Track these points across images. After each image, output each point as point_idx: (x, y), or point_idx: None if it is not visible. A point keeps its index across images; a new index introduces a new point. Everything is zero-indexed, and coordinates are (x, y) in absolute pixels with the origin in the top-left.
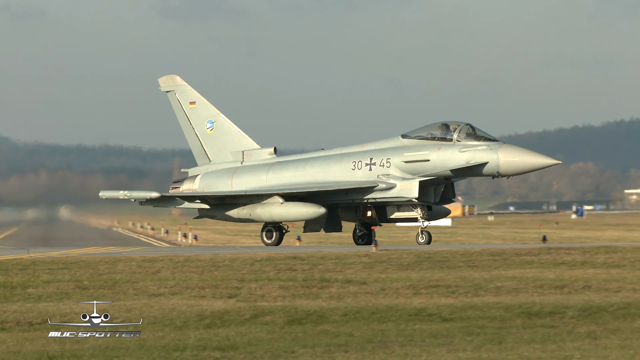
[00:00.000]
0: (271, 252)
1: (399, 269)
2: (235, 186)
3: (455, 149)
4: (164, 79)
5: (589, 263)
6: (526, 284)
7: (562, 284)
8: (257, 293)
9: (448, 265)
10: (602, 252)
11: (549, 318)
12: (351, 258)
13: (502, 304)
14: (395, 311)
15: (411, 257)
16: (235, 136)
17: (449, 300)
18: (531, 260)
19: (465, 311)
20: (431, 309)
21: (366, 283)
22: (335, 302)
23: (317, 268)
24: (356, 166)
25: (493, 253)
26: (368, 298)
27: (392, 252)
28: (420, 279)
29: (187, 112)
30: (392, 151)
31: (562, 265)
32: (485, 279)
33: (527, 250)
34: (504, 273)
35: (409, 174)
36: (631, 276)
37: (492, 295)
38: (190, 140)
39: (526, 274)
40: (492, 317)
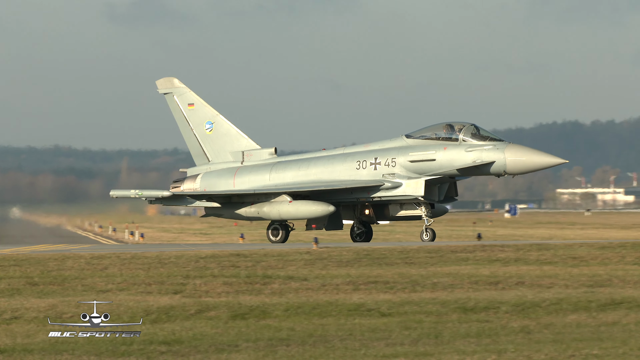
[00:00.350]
0: (215, 249)
1: (339, 266)
2: (238, 185)
3: (462, 148)
4: (162, 81)
5: (522, 260)
6: (462, 280)
7: (497, 280)
8: (202, 289)
9: (386, 262)
10: (534, 249)
11: (483, 313)
12: (293, 255)
13: (438, 300)
14: (335, 306)
15: (351, 254)
16: (234, 137)
17: (387, 295)
18: (466, 257)
19: (403, 306)
20: (370, 304)
21: (307, 279)
22: (277, 298)
23: (260, 265)
24: (361, 165)
25: (430, 250)
26: (309, 294)
27: (332, 249)
28: (360, 275)
29: (186, 113)
30: (397, 151)
31: (496, 262)
32: (422, 276)
33: (462, 247)
34: (440, 270)
35: (415, 173)
36: (563, 272)
37: (428, 291)
38: (188, 140)
39: (462, 271)
40: (429, 312)
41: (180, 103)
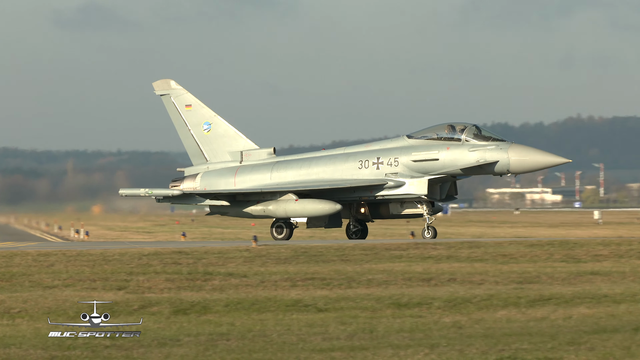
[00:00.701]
0: (158, 247)
1: (277, 263)
2: (238, 184)
3: (465, 148)
4: (159, 83)
5: (454, 257)
6: (395, 276)
7: (429, 276)
8: (145, 285)
9: (323, 259)
10: (466, 247)
11: (417, 308)
12: (233, 253)
13: (373, 296)
14: (273, 302)
15: (289, 252)
16: (232, 137)
17: (323, 292)
18: (400, 254)
19: (339, 302)
20: (307, 300)
21: (247, 276)
22: (218, 294)
23: (201, 262)
24: (363, 165)
25: (365, 248)
26: (248, 290)
27: (271, 247)
28: (297, 272)
29: (183, 114)
30: (399, 151)
31: (429, 259)
32: (358, 272)
33: (396, 245)
34: (375, 267)
35: (418, 172)
36: (493, 269)
37: (364, 287)
38: (185, 140)
39: (395, 268)
40: (364, 307)
41: (178, 104)
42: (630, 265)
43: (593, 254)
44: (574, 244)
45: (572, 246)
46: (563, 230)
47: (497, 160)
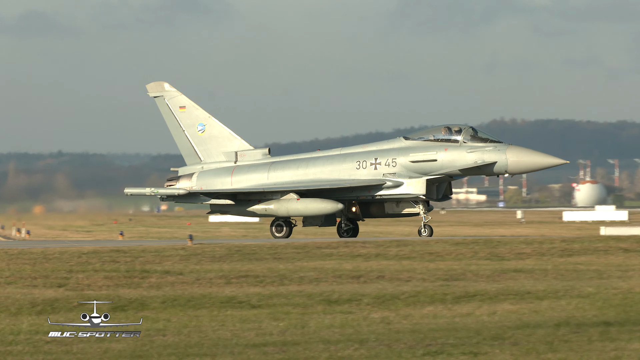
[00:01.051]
0: (97, 246)
1: (212, 261)
2: (235, 184)
3: (463, 149)
4: (152, 85)
5: (383, 255)
6: (326, 274)
7: (359, 274)
8: (84, 283)
9: (256, 257)
10: (394, 245)
11: (347, 305)
12: (169, 251)
13: (304, 292)
14: (208, 299)
15: (223, 250)
16: (227, 138)
17: (257, 289)
18: (331, 252)
19: (272, 299)
20: (241, 297)
21: (182, 274)
22: (155, 291)
23: (138, 260)
24: (361, 165)
25: (297, 247)
26: (184, 287)
27: (206, 245)
28: (232, 270)
29: (177, 115)
30: (397, 151)
31: (358, 257)
32: (290, 270)
33: (327, 244)
34: (306, 264)
35: (416, 173)
36: (420, 267)
37: (295, 285)
38: (179, 141)
39: (326, 265)
40: (296, 304)
41: (171, 106)
42: (552, 263)
43: (516, 252)
44: (497, 242)
45: (496, 245)
46: (487, 229)
47: (495, 161)
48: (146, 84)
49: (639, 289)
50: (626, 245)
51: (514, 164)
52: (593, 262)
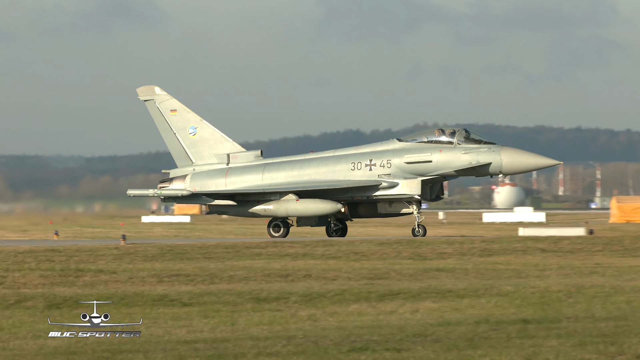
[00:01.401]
0: (32, 245)
1: (145, 260)
2: (229, 185)
3: (457, 151)
4: (142, 89)
5: (310, 255)
6: (255, 273)
7: (287, 273)
8: (20, 281)
9: (187, 256)
10: (320, 245)
11: (275, 303)
12: (103, 250)
13: (234, 291)
14: (141, 297)
15: (155, 250)
16: (218, 140)
17: (188, 287)
18: (259, 252)
19: (202, 297)
20: (173, 295)
21: (116, 272)
22: (89, 289)
23: (73, 259)
24: (355, 167)
25: (227, 246)
26: (118, 285)
27: (139, 245)
28: (163, 269)
29: (168, 119)
30: (391, 153)
31: (286, 256)
32: (220, 269)
33: (256, 244)
34: (236, 264)
35: (411, 173)
36: (346, 266)
37: (225, 283)
38: (169, 143)
39: (255, 265)
40: (226, 302)
41: (162, 109)
42: (473, 263)
43: (438, 252)
44: (420, 242)
45: (418, 244)
46: (410, 230)
47: (490, 162)
48: (136, 88)
49: (555, 287)
50: (543, 246)
51: (509, 164)
52: (512, 261)
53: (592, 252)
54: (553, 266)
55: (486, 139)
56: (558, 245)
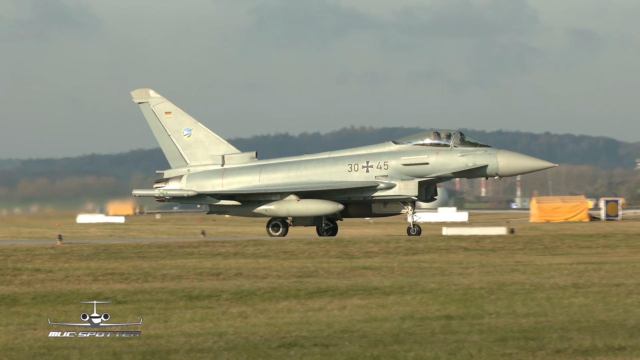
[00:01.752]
0: None
1: (80, 259)
2: (226, 185)
3: (454, 153)
4: (137, 92)
5: (241, 254)
6: (188, 271)
7: (218, 271)
8: None
9: (122, 256)
10: (251, 244)
11: (207, 300)
12: (39, 250)
13: (167, 289)
14: (77, 295)
15: (90, 249)
16: (213, 142)
17: (122, 285)
18: (192, 251)
19: (136, 295)
20: (107, 293)
21: (52, 271)
22: (26, 288)
23: (10, 259)
24: (352, 168)
25: (160, 246)
26: (54, 284)
27: (75, 245)
28: (98, 268)
29: (163, 121)
30: (388, 155)
31: (217, 255)
32: (154, 268)
33: (188, 243)
34: (169, 262)
35: (408, 175)
36: (276, 265)
37: (159, 281)
38: (164, 145)
39: (188, 263)
40: (159, 299)
41: (157, 112)
42: (398, 261)
43: (365, 251)
44: (348, 242)
45: (346, 244)
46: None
47: (486, 164)
48: (131, 91)
49: (478, 285)
50: (466, 245)
51: (505, 166)
52: (436, 260)
53: (513, 251)
54: (475, 264)
55: (481, 141)
56: (480, 244)
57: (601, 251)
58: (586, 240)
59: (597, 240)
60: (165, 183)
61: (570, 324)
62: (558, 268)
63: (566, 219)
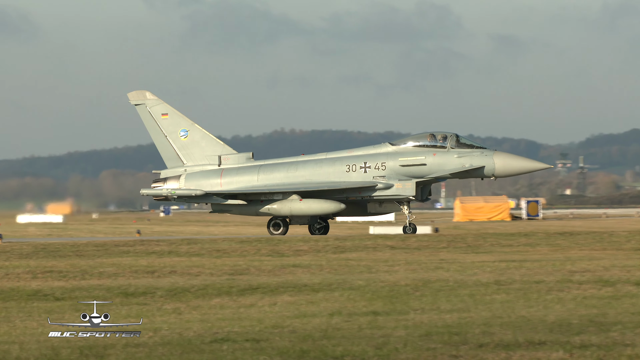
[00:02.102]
0: None
1: (20, 258)
2: (225, 185)
3: (451, 154)
4: (134, 94)
5: (175, 252)
6: (124, 269)
7: (153, 269)
8: None
9: (60, 254)
10: (185, 243)
11: (142, 297)
12: None
13: (104, 286)
14: (16, 292)
15: (30, 248)
16: (209, 142)
17: (60, 283)
18: (128, 250)
19: (74, 292)
20: (46, 290)
21: None
22: None
23: None
24: (350, 169)
25: (97, 245)
26: None
27: (15, 244)
28: (37, 266)
29: (159, 122)
30: (386, 156)
31: (153, 254)
32: (91, 266)
33: (124, 242)
34: (105, 261)
35: (405, 176)
36: (209, 263)
37: (96, 279)
38: (160, 145)
39: (124, 262)
40: (96, 296)
41: (153, 113)
42: (327, 259)
43: (295, 249)
44: (278, 240)
45: (276, 242)
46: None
47: (483, 165)
48: (127, 93)
49: (403, 282)
50: (392, 243)
51: (502, 167)
52: (363, 258)
53: (437, 249)
54: (401, 262)
55: (477, 143)
56: (406, 242)
57: (522, 249)
58: (508, 239)
59: (519, 239)
60: (163, 182)
61: (492, 320)
62: (481, 266)
63: (489, 219)
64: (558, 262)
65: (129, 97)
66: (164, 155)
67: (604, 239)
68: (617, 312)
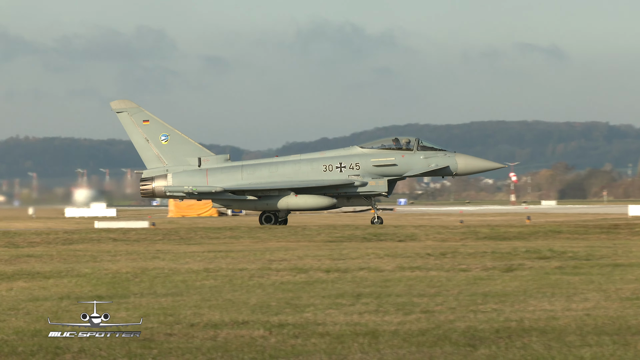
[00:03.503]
0: None
1: None
2: (211, 183)
3: (418, 156)
4: (116, 102)
5: None
6: None
7: None
8: None
9: None
10: None
11: None
12: None
13: None
14: None
15: None
16: (190, 145)
17: None
18: None
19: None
20: None
21: None
22: None
23: None
24: (327, 168)
25: None
26: None
27: None
28: None
29: (141, 128)
30: (358, 157)
31: None
32: None
33: None
34: None
35: (378, 175)
36: None
37: None
38: (141, 149)
39: None
40: None
41: (135, 120)
42: (57, 250)
43: (29, 241)
44: (14, 233)
45: (12, 235)
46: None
47: (448, 165)
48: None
49: (125, 270)
50: (115, 236)
51: (463, 167)
52: (89, 249)
53: (154, 241)
54: (122, 252)
55: (437, 146)
56: (127, 235)
57: (228, 241)
58: (215, 232)
59: (225, 232)
60: (152, 181)
61: (202, 302)
62: (192, 255)
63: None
64: (259, 252)
65: (111, 106)
66: (144, 157)
67: (298, 232)
68: (310, 296)
